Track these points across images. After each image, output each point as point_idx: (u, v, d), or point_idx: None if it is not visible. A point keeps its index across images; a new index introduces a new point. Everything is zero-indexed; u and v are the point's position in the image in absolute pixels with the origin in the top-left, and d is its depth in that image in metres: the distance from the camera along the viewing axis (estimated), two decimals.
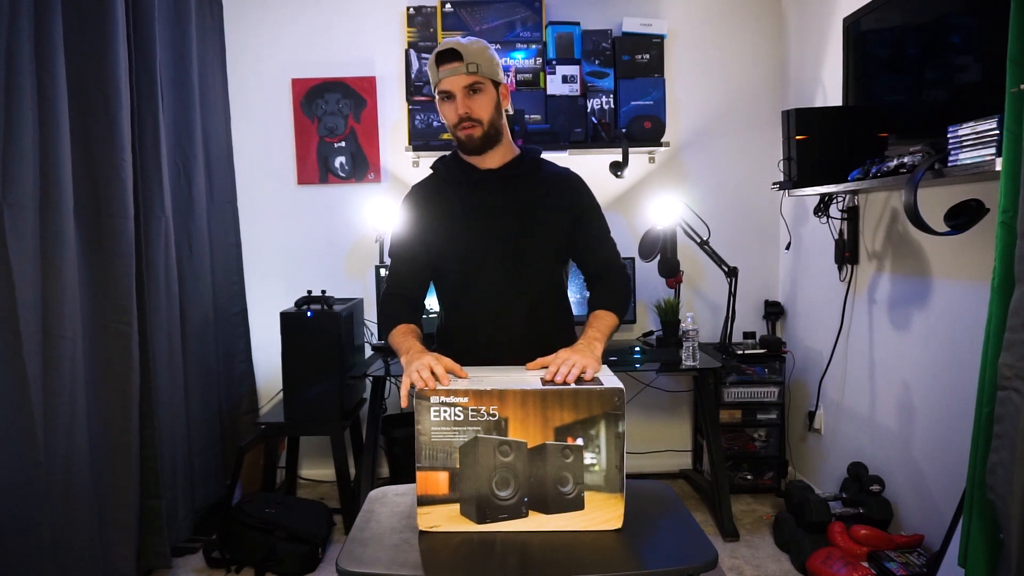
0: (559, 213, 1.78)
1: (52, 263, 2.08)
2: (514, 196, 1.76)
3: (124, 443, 2.33)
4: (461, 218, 1.76)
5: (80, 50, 2.19)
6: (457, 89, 1.67)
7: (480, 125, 1.70)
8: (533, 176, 1.80)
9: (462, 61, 1.65)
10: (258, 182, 3.49)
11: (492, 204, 1.76)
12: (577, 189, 1.83)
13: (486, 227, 1.75)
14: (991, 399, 1.59)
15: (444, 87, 1.68)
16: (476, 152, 1.74)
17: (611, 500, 1.31)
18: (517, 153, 1.81)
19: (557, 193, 1.80)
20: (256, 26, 3.43)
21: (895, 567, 2.24)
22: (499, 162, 1.78)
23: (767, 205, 3.46)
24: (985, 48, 1.92)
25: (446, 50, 1.66)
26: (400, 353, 1.60)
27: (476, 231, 1.75)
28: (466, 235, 1.75)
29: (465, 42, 1.67)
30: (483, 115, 1.70)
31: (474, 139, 1.70)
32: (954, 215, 1.94)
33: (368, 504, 1.48)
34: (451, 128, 1.73)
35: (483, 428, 1.28)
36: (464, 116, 1.68)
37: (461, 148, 1.75)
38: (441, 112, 1.74)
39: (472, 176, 1.77)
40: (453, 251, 1.76)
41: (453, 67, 1.65)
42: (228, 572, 2.65)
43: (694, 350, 2.92)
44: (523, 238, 1.74)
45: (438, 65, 1.67)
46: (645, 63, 3.37)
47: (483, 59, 1.68)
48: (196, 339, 2.92)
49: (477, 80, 1.67)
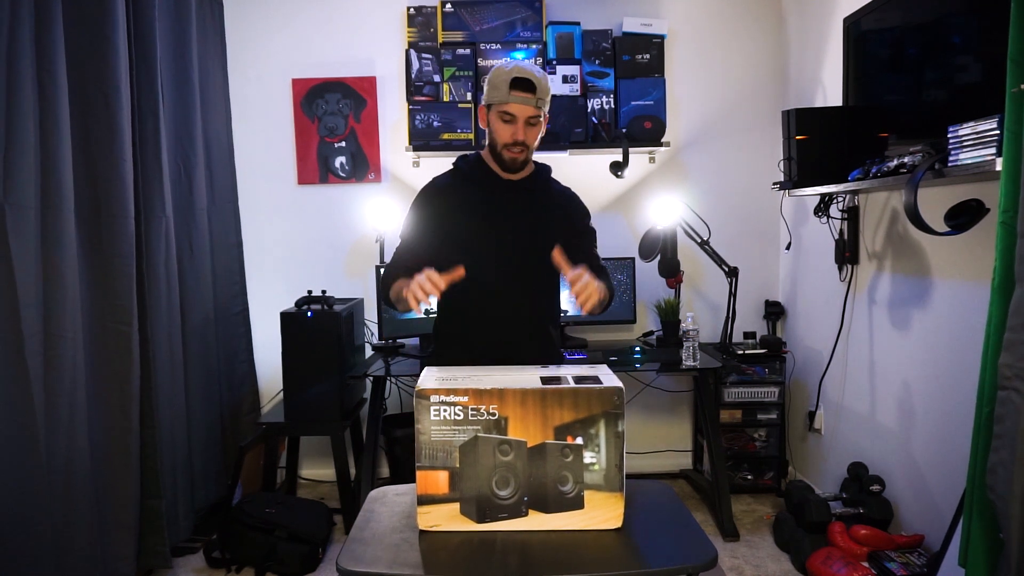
0: (563, 226, 1.94)
1: (53, 263, 2.08)
2: (525, 205, 1.92)
3: (124, 443, 2.33)
4: (478, 216, 1.89)
5: (80, 50, 2.19)
6: (522, 117, 1.81)
7: (527, 151, 1.87)
8: (543, 191, 1.97)
9: (534, 94, 1.79)
10: (258, 182, 3.49)
11: (507, 210, 1.90)
12: (579, 207, 2.03)
13: (499, 229, 1.88)
14: (991, 399, 1.60)
15: (511, 110, 1.81)
16: (515, 172, 1.90)
17: (611, 499, 1.31)
18: (533, 169, 1.97)
19: (562, 208, 1.99)
20: (256, 26, 3.43)
21: (895, 567, 2.24)
22: (519, 176, 1.93)
23: (767, 205, 3.46)
24: (985, 48, 1.92)
25: (523, 79, 1.78)
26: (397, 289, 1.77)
27: (490, 232, 1.88)
28: (481, 234, 1.88)
29: (539, 76, 1.80)
30: (533, 143, 1.87)
31: (518, 162, 1.87)
32: (954, 215, 1.94)
33: (368, 504, 1.48)
34: (498, 144, 1.86)
35: (483, 427, 1.28)
36: (520, 142, 1.83)
37: (501, 165, 1.89)
38: (493, 126, 1.86)
39: (493, 182, 1.92)
40: (467, 247, 1.86)
41: (525, 96, 1.79)
42: (228, 572, 2.65)
43: (694, 350, 2.92)
44: (530, 244, 1.88)
45: (511, 88, 1.78)
46: (645, 63, 3.37)
47: (547, 95, 1.83)
48: (197, 339, 2.92)
49: (539, 115, 1.83)
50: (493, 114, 1.86)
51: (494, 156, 1.90)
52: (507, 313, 1.90)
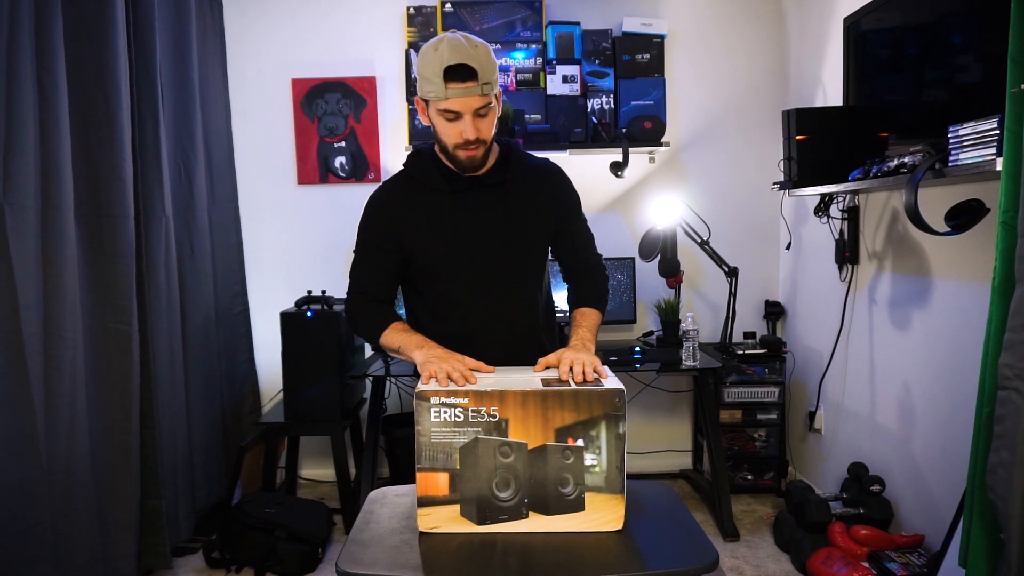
0: (543, 212, 1.70)
1: (53, 263, 2.08)
2: (498, 201, 1.66)
3: (124, 443, 2.33)
4: (447, 224, 1.64)
5: (80, 50, 2.19)
6: (468, 112, 1.51)
7: (484, 145, 1.58)
8: (517, 177, 1.68)
9: (477, 81, 1.48)
10: (258, 182, 3.49)
11: (477, 210, 1.65)
12: (559, 183, 1.75)
13: (473, 236, 1.65)
14: (991, 399, 1.59)
15: (452, 107, 1.51)
16: (476, 171, 1.63)
17: (612, 501, 1.31)
18: (498, 154, 1.69)
19: (540, 190, 1.70)
20: (256, 26, 3.43)
21: (895, 567, 2.24)
22: (483, 169, 1.65)
23: (767, 205, 3.46)
24: (985, 48, 1.92)
25: (458, 66, 1.46)
26: (410, 347, 1.55)
27: (463, 241, 1.64)
28: (454, 246, 1.65)
29: (475, 52, 1.49)
30: (488, 134, 1.58)
31: (476, 160, 1.59)
32: (954, 215, 1.94)
33: (368, 505, 1.48)
34: (447, 145, 1.58)
35: (483, 429, 1.28)
36: (471, 140, 1.54)
37: (458, 168, 1.63)
38: (436, 126, 1.57)
39: (456, 184, 1.65)
40: (440, 263, 1.66)
41: (467, 87, 1.48)
42: (228, 572, 2.65)
43: (694, 350, 2.91)
44: (510, 244, 1.67)
45: (446, 81, 1.48)
46: (645, 63, 3.37)
47: (493, 73, 1.52)
48: (197, 339, 2.92)
49: (489, 101, 1.53)
50: (433, 111, 1.55)
51: (450, 160, 1.62)
52: (492, 333, 1.66)
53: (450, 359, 1.43)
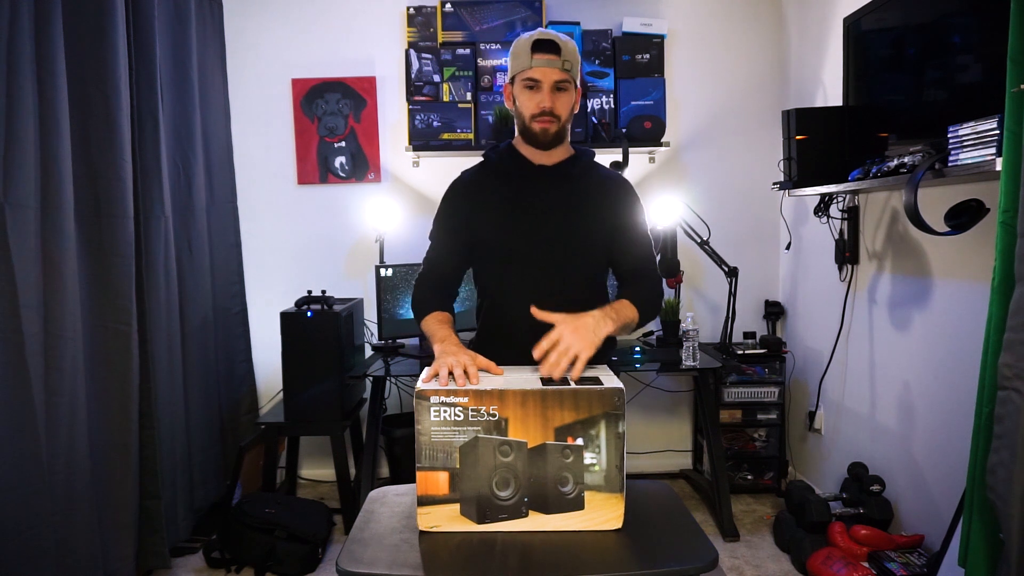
0: (603, 214, 1.77)
1: (53, 263, 2.08)
2: (563, 195, 1.75)
3: (124, 443, 2.33)
4: (508, 212, 1.74)
5: (80, 50, 2.19)
6: (547, 82, 1.65)
7: (558, 122, 1.69)
8: (584, 177, 1.78)
9: (559, 56, 1.63)
10: (258, 182, 3.49)
11: (542, 200, 1.74)
12: (624, 193, 1.81)
13: (534, 222, 1.73)
14: (991, 399, 1.59)
15: (534, 75, 1.65)
16: (545, 147, 1.73)
17: (611, 500, 1.31)
18: (572, 153, 1.80)
19: (604, 195, 1.78)
20: (256, 26, 3.43)
21: (895, 567, 2.24)
22: (554, 160, 1.76)
23: (767, 205, 3.46)
24: (985, 48, 1.92)
25: (546, 40, 1.64)
26: (434, 340, 1.58)
27: (522, 226, 1.73)
28: (511, 230, 1.73)
29: (563, 38, 1.65)
30: (563, 113, 1.69)
31: (549, 134, 1.69)
32: (954, 215, 1.94)
33: (368, 504, 1.48)
34: (525, 117, 1.69)
35: (483, 428, 1.28)
36: (547, 110, 1.66)
37: (530, 140, 1.72)
38: (517, 98, 1.70)
39: (525, 170, 1.76)
40: (499, 244, 1.74)
41: (549, 59, 1.63)
42: (228, 572, 2.65)
43: (694, 350, 2.92)
44: (567, 236, 1.73)
45: (533, 52, 1.64)
46: (645, 63, 3.37)
47: (575, 60, 1.67)
48: (196, 339, 2.92)
49: (567, 78, 1.66)
50: (518, 86, 1.69)
51: (523, 134, 1.73)
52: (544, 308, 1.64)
53: (458, 354, 1.42)
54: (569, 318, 1.49)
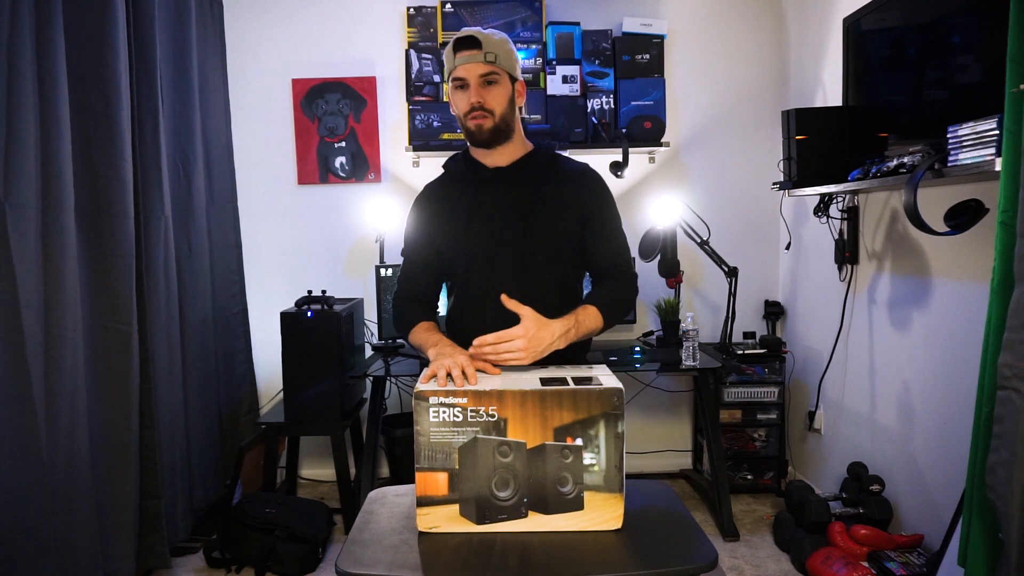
0: (567, 212, 1.72)
1: (53, 263, 2.08)
2: (522, 195, 1.71)
3: (124, 443, 2.33)
4: (467, 218, 1.71)
5: (80, 50, 2.19)
6: (472, 77, 1.63)
7: (491, 116, 1.65)
8: (544, 174, 1.74)
9: (480, 50, 1.62)
10: (258, 182, 3.49)
11: (498, 204, 1.71)
12: (589, 187, 1.76)
13: (492, 227, 1.70)
14: (991, 399, 1.59)
15: (459, 74, 1.65)
16: (484, 145, 1.69)
17: (611, 500, 1.31)
18: (529, 150, 1.77)
19: (568, 191, 1.73)
20: (256, 26, 3.43)
21: (895, 567, 2.24)
22: (508, 160, 1.73)
23: (767, 205, 3.46)
24: (985, 48, 1.92)
25: (465, 37, 1.63)
26: (427, 346, 1.58)
27: (482, 231, 1.70)
28: (472, 235, 1.71)
29: (487, 32, 1.65)
30: (495, 107, 1.65)
31: (483, 130, 1.66)
32: (954, 215, 1.94)
33: (368, 504, 1.48)
34: (460, 118, 1.69)
35: (482, 428, 1.28)
36: (476, 105, 1.64)
37: (469, 139, 1.71)
38: (452, 101, 1.70)
39: (480, 175, 1.74)
40: (459, 252, 1.72)
41: (470, 54, 1.63)
42: (228, 572, 2.66)
43: (694, 350, 2.91)
44: (529, 238, 1.68)
45: (455, 51, 1.65)
46: (645, 63, 3.37)
47: (502, 51, 1.65)
48: (196, 339, 2.92)
49: (493, 71, 1.64)
50: (451, 89, 1.69)
51: (465, 135, 1.71)
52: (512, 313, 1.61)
53: (455, 355, 1.42)
54: (534, 322, 1.49)
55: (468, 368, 1.37)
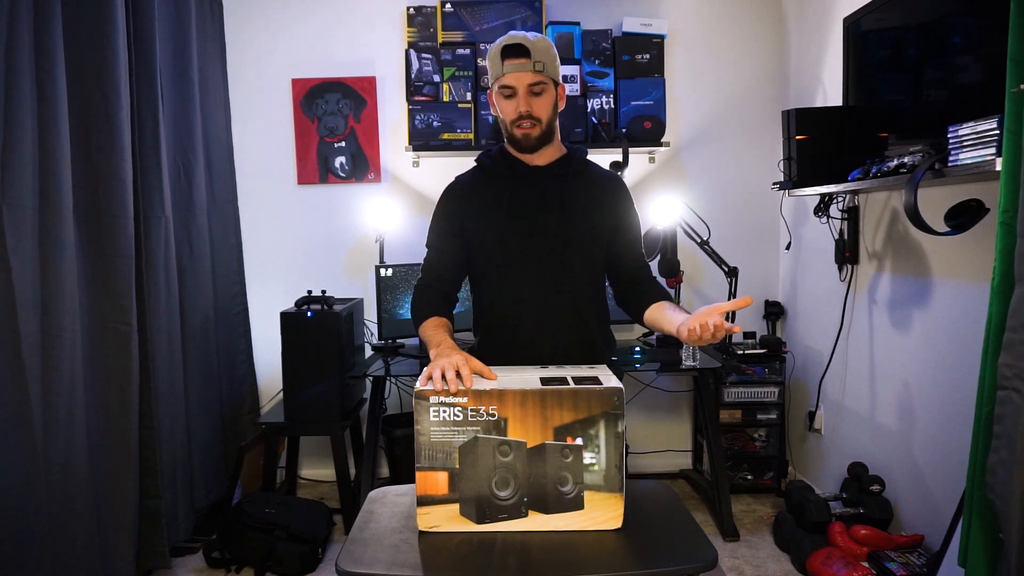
0: (602, 214, 1.77)
1: (51, 263, 2.08)
2: (559, 194, 1.74)
3: (123, 443, 2.33)
4: (505, 213, 1.73)
5: (80, 50, 2.19)
6: (521, 86, 1.66)
7: (539, 124, 1.69)
8: (579, 176, 1.78)
9: (529, 58, 1.64)
10: (258, 182, 3.49)
11: (537, 201, 1.74)
12: (620, 193, 1.82)
13: (530, 223, 1.73)
14: (991, 399, 1.60)
15: (507, 82, 1.66)
16: (530, 151, 1.73)
17: (611, 500, 1.31)
18: (565, 152, 1.80)
19: (601, 195, 1.79)
20: (256, 26, 3.43)
21: (895, 567, 2.24)
22: (547, 160, 1.77)
23: (767, 205, 3.46)
24: (985, 48, 1.92)
25: (514, 44, 1.64)
26: (431, 345, 1.58)
27: (520, 227, 1.72)
28: (510, 231, 1.73)
29: (532, 38, 1.65)
30: (543, 115, 1.69)
31: (531, 138, 1.70)
32: (954, 215, 1.94)
33: (368, 504, 1.48)
34: (507, 124, 1.71)
35: (482, 428, 1.28)
36: (524, 114, 1.67)
37: (515, 145, 1.74)
38: (497, 106, 1.72)
39: (519, 171, 1.76)
40: (496, 246, 1.73)
41: (519, 63, 1.64)
42: (228, 572, 2.65)
43: (694, 350, 2.91)
44: (566, 235, 1.72)
45: (503, 58, 1.65)
46: (645, 63, 3.37)
47: (548, 58, 1.67)
48: (196, 339, 2.92)
49: (541, 80, 1.67)
50: (496, 94, 1.71)
51: (509, 140, 1.74)
52: (546, 307, 1.72)
53: (451, 356, 1.40)
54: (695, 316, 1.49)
55: (463, 369, 1.36)
